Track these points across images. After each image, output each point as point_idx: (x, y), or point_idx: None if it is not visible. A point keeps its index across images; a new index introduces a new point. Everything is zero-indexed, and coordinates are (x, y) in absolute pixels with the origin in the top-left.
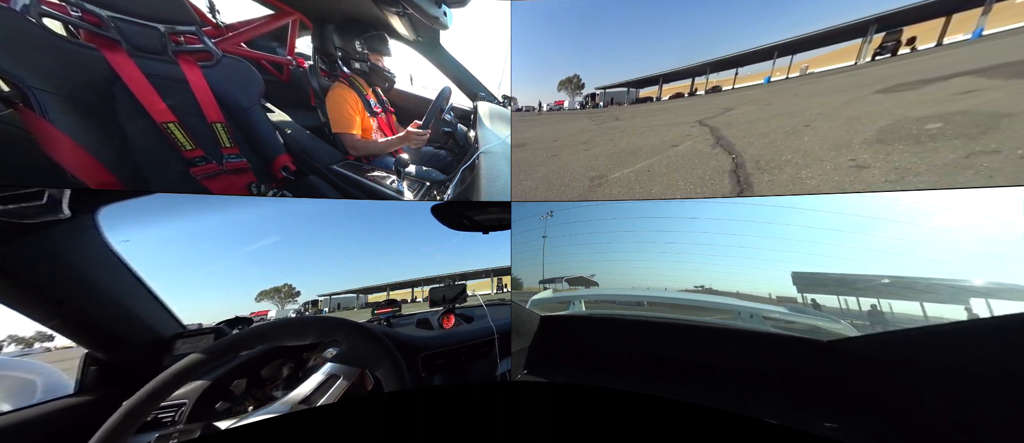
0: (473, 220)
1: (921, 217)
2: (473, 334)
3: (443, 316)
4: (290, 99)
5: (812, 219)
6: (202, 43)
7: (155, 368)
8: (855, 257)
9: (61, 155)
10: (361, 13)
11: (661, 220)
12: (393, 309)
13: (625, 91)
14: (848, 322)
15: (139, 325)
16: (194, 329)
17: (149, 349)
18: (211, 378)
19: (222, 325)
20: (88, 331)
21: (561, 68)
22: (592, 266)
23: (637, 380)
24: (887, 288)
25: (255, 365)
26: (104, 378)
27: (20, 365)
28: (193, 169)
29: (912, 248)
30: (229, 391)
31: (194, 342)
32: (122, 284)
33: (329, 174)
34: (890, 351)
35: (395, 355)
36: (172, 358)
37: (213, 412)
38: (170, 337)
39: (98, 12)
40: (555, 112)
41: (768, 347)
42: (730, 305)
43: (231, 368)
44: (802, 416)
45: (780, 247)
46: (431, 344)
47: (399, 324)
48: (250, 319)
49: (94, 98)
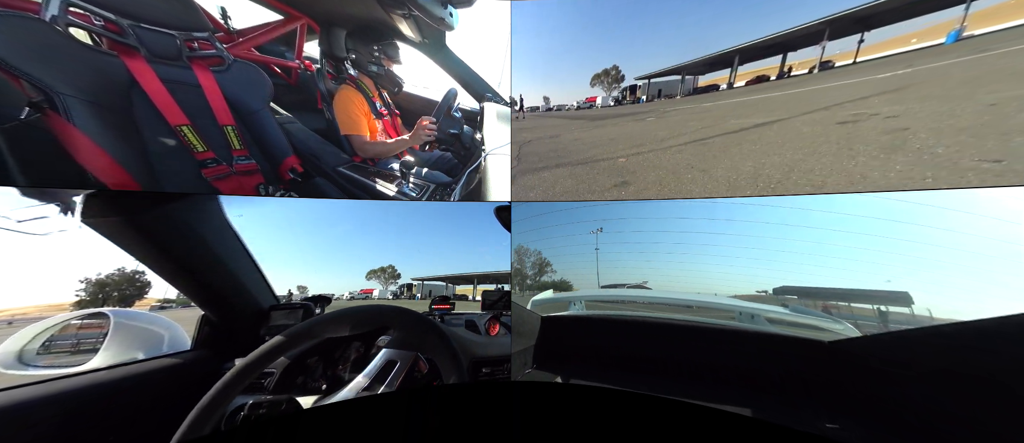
0: None
1: (921, 217)
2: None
3: (489, 322)
4: (298, 102)
5: (812, 219)
6: (215, 49)
7: (255, 334)
8: (855, 256)
9: (84, 157)
10: (368, 16)
11: (661, 220)
12: (449, 306)
13: (678, 80)
14: (849, 322)
15: (246, 294)
16: (286, 303)
17: (252, 316)
18: (294, 354)
19: (309, 302)
20: (208, 295)
21: (565, 67)
22: (592, 266)
23: (637, 380)
24: (887, 287)
25: (330, 345)
26: (215, 339)
27: (154, 320)
28: (205, 170)
29: (912, 248)
30: (307, 367)
31: (286, 314)
32: (236, 255)
33: (335, 176)
34: (891, 351)
35: (459, 360)
36: (268, 326)
37: (293, 386)
38: (268, 308)
39: (119, 21)
40: (586, 110)
41: (769, 347)
42: (730, 305)
43: (310, 346)
44: (803, 416)
45: (780, 247)
46: (482, 353)
47: (451, 323)
48: (329, 298)
49: (115, 103)
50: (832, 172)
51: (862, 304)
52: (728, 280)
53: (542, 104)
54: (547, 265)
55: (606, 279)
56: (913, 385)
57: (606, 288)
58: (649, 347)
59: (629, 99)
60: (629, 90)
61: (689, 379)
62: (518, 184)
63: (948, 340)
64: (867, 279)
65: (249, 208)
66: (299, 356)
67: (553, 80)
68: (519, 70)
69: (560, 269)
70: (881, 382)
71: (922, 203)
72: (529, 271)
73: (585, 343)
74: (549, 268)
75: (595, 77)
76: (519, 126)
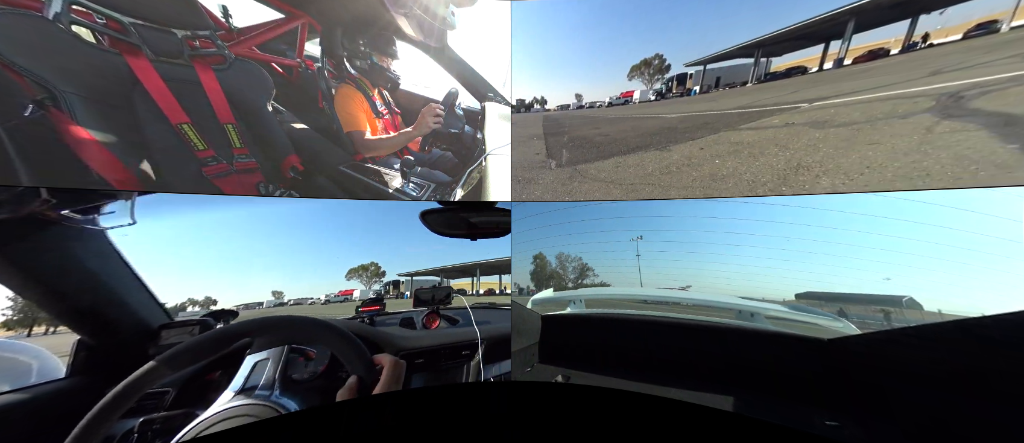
0: (470, 225)
1: (922, 216)
2: (456, 337)
3: (427, 317)
4: (299, 101)
5: (811, 217)
6: (216, 47)
7: (143, 356)
8: (854, 255)
9: (87, 155)
10: (369, 14)
11: (661, 219)
12: (379, 307)
13: (741, 64)
14: (849, 321)
15: (129, 314)
16: (181, 320)
17: (137, 338)
18: (195, 368)
19: (208, 318)
20: (81, 317)
21: (567, 66)
22: (593, 265)
23: (637, 379)
24: (887, 287)
25: (239, 357)
26: (94, 364)
27: (20, 348)
28: (205, 169)
29: (913, 247)
30: (211, 381)
31: (180, 332)
32: (115, 272)
33: (336, 174)
34: (891, 350)
35: (357, 345)
36: (158, 345)
37: (195, 401)
38: (157, 327)
39: (121, 19)
40: (617, 108)
41: (768, 346)
42: (730, 304)
43: (215, 359)
44: (802, 415)
45: (780, 246)
46: (410, 345)
47: (384, 323)
48: (235, 312)
49: (117, 101)
50: None
51: (884, 307)
52: (728, 279)
53: (574, 101)
54: (547, 264)
55: (607, 279)
56: (913, 384)
57: (604, 287)
58: (646, 345)
59: (677, 91)
60: (676, 80)
61: (688, 378)
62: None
63: (950, 339)
64: (865, 278)
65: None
66: (199, 371)
67: (581, 78)
68: (530, 69)
69: (560, 269)
70: (881, 380)
71: (925, 202)
72: (528, 271)
73: (583, 342)
74: (548, 268)
75: (633, 69)
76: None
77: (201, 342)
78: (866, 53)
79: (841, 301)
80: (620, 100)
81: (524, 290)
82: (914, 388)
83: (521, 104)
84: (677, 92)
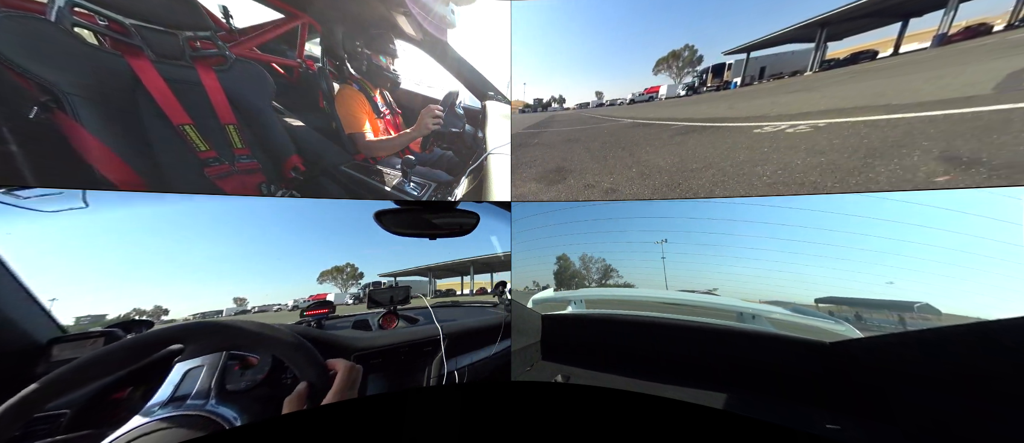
0: (430, 224)
1: (927, 217)
2: (417, 334)
3: (383, 318)
4: (300, 101)
5: (810, 219)
6: (217, 48)
7: (28, 373)
8: (853, 256)
9: (91, 156)
10: (369, 14)
11: (663, 220)
12: (327, 310)
13: (789, 52)
14: (851, 324)
15: (9, 329)
16: (76, 334)
17: (20, 354)
18: (99, 387)
19: (115, 328)
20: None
21: (568, 66)
22: (593, 266)
23: (637, 380)
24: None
25: (158, 372)
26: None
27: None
28: (207, 169)
29: (915, 249)
30: (121, 400)
31: (76, 348)
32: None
33: (337, 174)
34: (894, 353)
35: (308, 350)
36: (49, 362)
37: (101, 421)
38: (46, 342)
39: (122, 20)
40: (641, 105)
41: (769, 348)
42: (731, 306)
43: (125, 375)
44: (804, 417)
45: (781, 247)
46: (365, 344)
47: (333, 327)
48: (150, 322)
49: (120, 102)
50: None
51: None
52: (729, 280)
53: (594, 99)
54: (546, 265)
55: (608, 279)
56: (917, 388)
57: (605, 287)
58: (647, 346)
59: (713, 84)
60: (711, 72)
61: (688, 379)
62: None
63: (953, 342)
64: (868, 281)
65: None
66: (105, 388)
67: (602, 74)
68: (549, 66)
69: (560, 269)
70: (883, 383)
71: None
72: (528, 271)
73: (584, 342)
74: (549, 268)
75: (660, 62)
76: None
77: (111, 352)
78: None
79: (858, 306)
80: (644, 97)
81: (524, 290)
82: (915, 391)
83: (538, 103)
84: (713, 85)
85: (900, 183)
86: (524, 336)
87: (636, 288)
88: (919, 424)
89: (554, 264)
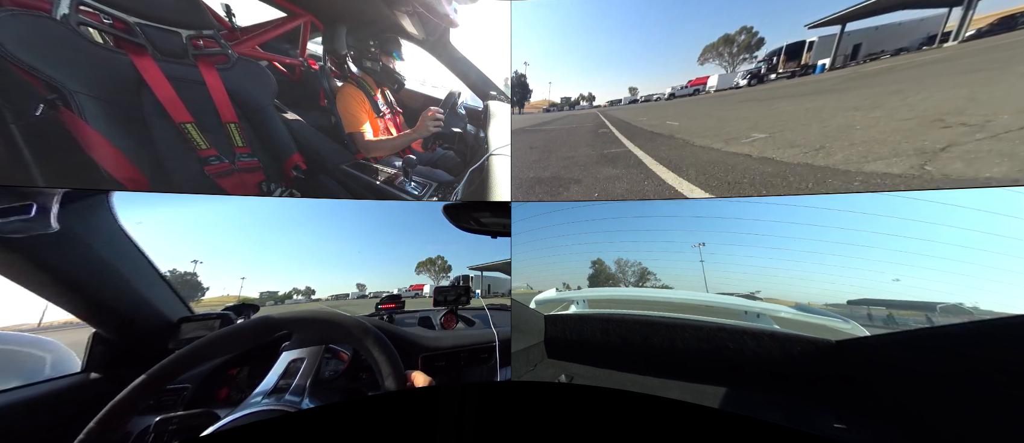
0: (482, 223)
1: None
2: (474, 338)
3: (445, 317)
4: (302, 100)
5: (816, 217)
6: (220, 46)
7: (161, 351)
8: (859, 254)
9: (97, 154)
10: (372, 13)
11: (665, 219)
12: (396, 305)
13: (896, 24)
14: (857, 322)
15: (147, 307)
16: (201, 314)
17: (156, 331)
18: (215, 364)
19: (228, 312)
20: (98, 311)
21: (568, 66)
22: (595, 265)
23: (640, 380)
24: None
25: (261, 355)
26: (111, 358)
27: (31, 341)
28: (207, 168)
29: (925, 247)
30: (232, 378)
31: (200, 327)
32: (132, 264)
33: (338, 174)
34: (901, 352)
35: (395, 357)
36: (178, 341)
37: (214, 398)
38: (177, 321)
39: (127, 19)
40: (687, 97)
41: (774, 346)
42: (735, 305)
43: (236, 356)
44: (809, 417)
45: (786, 246)
46: (431, 345)
47: (401, 322)
48: (256, 306)
49: (125, 100)
50: None
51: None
52: (734, 279)
53: (627, 96)
54: (547, 264)
55: (610, 279)
56: (924, 388)
57: (608, 287)
58: (650, 345)
59: (785, 70)
60: (784, 54)
61: (692, 378)
62: None
63: (961, 341)
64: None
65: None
66: (219, 367)
67: (638, 69)
68: (579, 64)
69: (561, 268)
70: (890, 383)
71: (931, 201)
72: (528, 271)
73: (586, 342)
74: (549, 268)
75: (708, 49)
76: None
77: (231, 333)
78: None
79: (889, 307)
80: (686, 89)
81: (524, 290)
82: (926, 391)
83: (566, 101)
84: (787, 71)
85: None
86: (526, 336)
87: (639, 288)
88: (928, 424)
89: (555, 263)
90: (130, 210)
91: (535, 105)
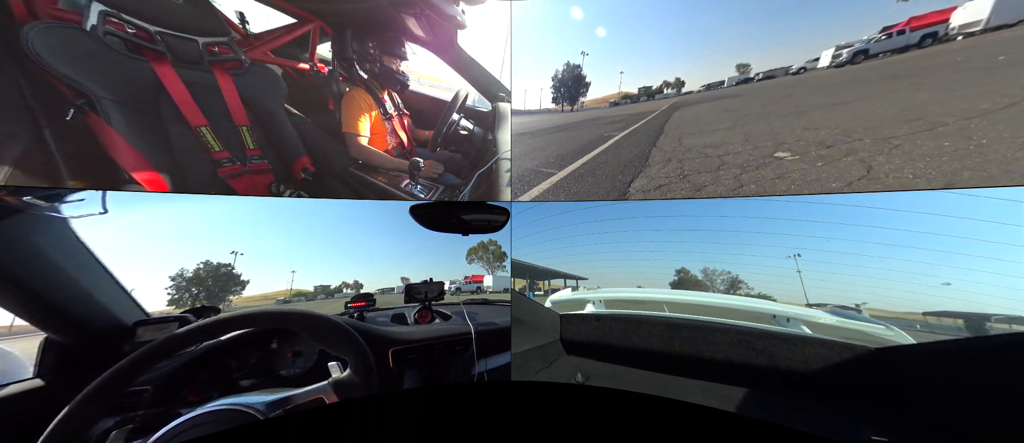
0: (461, 220)
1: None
2: (448, 331)
3: (418, 313)
4: (311, 103)
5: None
6: (233, 52)
7: (116, 353)
8: (871, 252)
9: (120, 156)
10: (379, 17)
11: (668, 219)
12: (366, 303)
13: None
14: (899, 328)
15: (100, 311)
16: (158, 316)
17: (110, 334)
18: (175, 365)
19: (187, 313)
20: (49, 315)
21: (641, 51)
22: (600, 266)
23: (660, 380)
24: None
25: (223, 353)
26: (64, 362)
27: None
28: (220, 170)
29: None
30: (194, 379)
31: (157, 329)
32: (84, 268)
33: (346, 176)
34: (947, 362)
35: (361, 346)
36: (134, 342)
37: (176, 399)
38: (132, 324)
39: (148, 28)
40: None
41: (809, 353)
42: (763, 308)
43: (197, 356)
44: (846, 428)
45: (791, 247)
46: (402, 339)
47: (373, 319)
48: (216, 308)
49: (145, 105)
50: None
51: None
52: (762, 281)
53: (734, 75)
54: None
55: (610, 279)
56: (971, 398)
57: (620, 288)
58: (672, 348)
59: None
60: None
61: (718, 383)
62: None
63: (1010, 351)
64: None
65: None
66: (177, 368)
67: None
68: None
69: (560, 269)
70: (935, 395)
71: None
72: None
73: (602, 342)
74: (549, 267)
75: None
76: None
77: (188, 333)
78: None
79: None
80: (899, 37)
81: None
82: (974, 405)
83: (644, 91)
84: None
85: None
86: (532, 336)
87: (657, 289)
88: (975, 439)
89: (554, 264)
90: (129, 210)
91: (598, 100)
